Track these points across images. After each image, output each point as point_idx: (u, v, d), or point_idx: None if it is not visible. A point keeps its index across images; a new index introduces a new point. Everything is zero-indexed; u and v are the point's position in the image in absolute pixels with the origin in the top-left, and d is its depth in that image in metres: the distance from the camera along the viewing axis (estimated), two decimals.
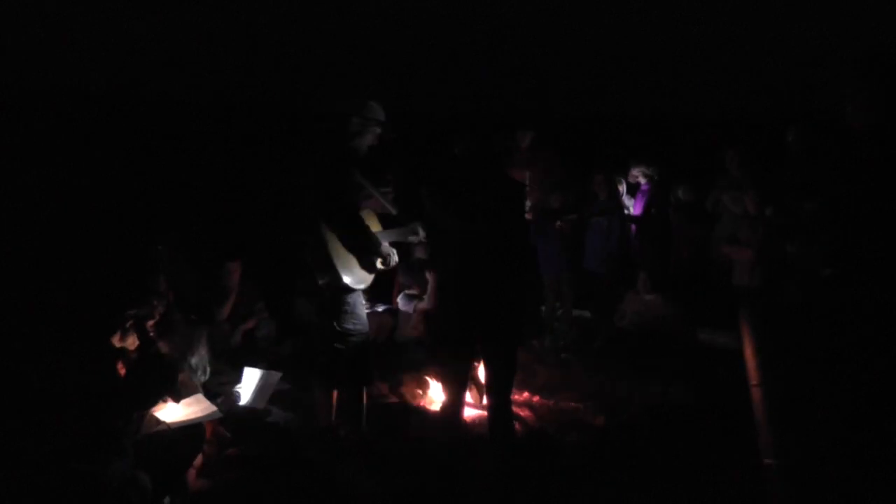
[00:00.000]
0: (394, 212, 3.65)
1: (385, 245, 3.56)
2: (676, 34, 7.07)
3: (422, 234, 3.63)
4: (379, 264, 3.56)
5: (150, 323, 3.67)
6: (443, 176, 3.26)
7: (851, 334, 2.46)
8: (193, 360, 3.92)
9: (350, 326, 3.53)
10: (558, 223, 5.78)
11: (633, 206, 6.22)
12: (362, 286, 3.54)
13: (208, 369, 4.04)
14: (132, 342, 3.58)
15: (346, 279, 3.39)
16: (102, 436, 2.96)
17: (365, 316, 3.68)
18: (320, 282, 3.42)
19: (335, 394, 3.66)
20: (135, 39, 6.74)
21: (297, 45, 7.24)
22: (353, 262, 3.47)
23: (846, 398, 2.43)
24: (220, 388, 4.08)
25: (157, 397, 3.30)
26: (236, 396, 4.07)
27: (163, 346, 3.58)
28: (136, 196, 6.66)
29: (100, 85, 7.19)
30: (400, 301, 5.41)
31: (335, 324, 3.48)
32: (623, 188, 6.20)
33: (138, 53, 6.97)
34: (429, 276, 5.43)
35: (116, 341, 3.55)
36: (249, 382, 4.16)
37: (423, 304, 5.38)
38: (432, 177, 3.27)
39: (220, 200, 6.93)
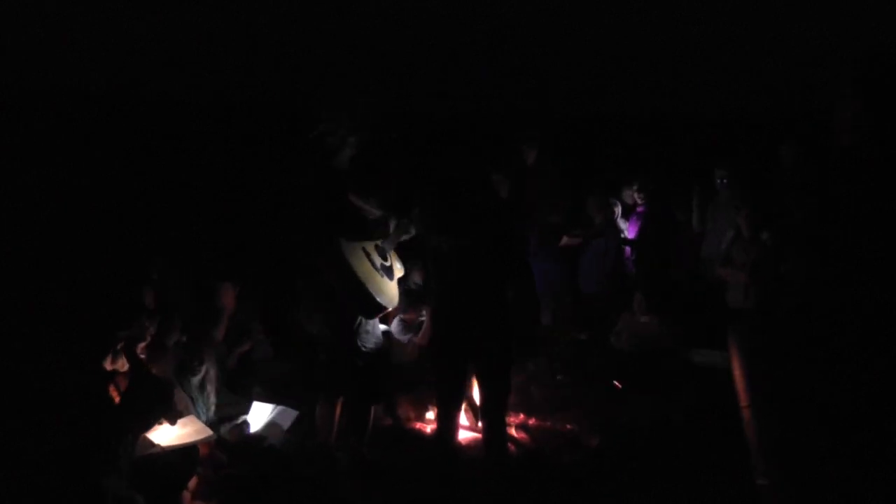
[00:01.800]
0: (377, 214, 3.64)
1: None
2: (676, 34, 7.06)
3: (413, 230, 3.63)
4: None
5: (142, 346, 3.68)
6: (438, 191, 3.26)
7: (851, 334, 2.46)
8: (195, 380, 3.90)
9: (371, 346, 3.55)
10: (564, 239, 5.76)
11: (627, 229, 6.18)
12: (391, 306, 3.56)
13: (211, 394, 4.01)
14: (122, 364, 3.59)
15: (378, 299, 3.39)
16: (101, 438, 2.96)
17: (381, 333, 3.70)
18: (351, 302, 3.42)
19: (337, 410, 3.66)
20: (135, 39, 6.74)
21: (297, 45, 7.24)
22: (382, 282, 3.48)
23: (846, 399, 2.43)
24: (217, 410, 4.06)
25: (153, 419, 3.29)
26: (245, 427, 4.05)
27: (155, 368, 3.57)
28: (136, 196, 6.65)
29: (100, 85, 7.19)
30: (394, 326, 5.35)
31: (357, 342, 3.49)
32: (618, 210, 6.17)
33: (138, 53, 6.97)
34: (425, 311, 5.38)
35: (108, 364, 3.56)
36: (259, 416, 4.14)
37: (419, 339, 5.33)
38: (426, 192, 3.27)
39: (220, 201, 6.93)
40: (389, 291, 3.53)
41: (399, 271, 3.72)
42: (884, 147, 2.40)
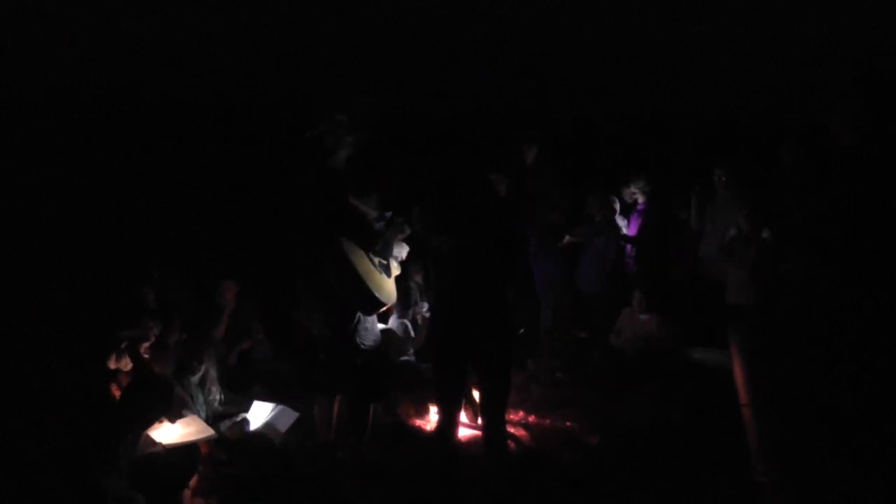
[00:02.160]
0: (375, 214, 3.66)
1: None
2: (676, 34, 7.07)
3: (407, 230, 3.66)
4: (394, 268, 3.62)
5: (145, 345, 3.69)
6: (438, 191, 3.27)
7: (851, 334, 2.46)
8: (195, 379, 3.91)
9: (370, 343, 3.56)
10: (567, 238, 5.76)
11: (625, 227, 6.19)
12: (390, 302, 3.58)
13: (211, 392, 4.02)
14: (126, 364, 3.59)
15: (377, 295, 3.41)
16: (101, 438, 2.95)
17: (379, 331, 3.71)
18: (348, 297, 3.44)
19: (335, 409, 3.67)
20: (135, 39, 6.74)
21: (297, 45, 7.25)
22: (381, 279, 3.50)
23: (846, 399, 2.43)
24: (217, 408, 4.06)
25: (154, 417, 3.30)
26: (245, 424, 4.06)
27: (157, 368, 3.57)
28: (136, 196, 6.65)
29: (100, 85, 7.19)
30: (392, 322, 5.39)
31: (357, 340, 3.51)
32: (616, 207, 6.18)
33: (138, 53, 6.97)
34: (424, 314, 5.41)
35: (112, 363, 3.57)
36: (259, 414, 4.15)
37: (417, 341, 5.38)
38: (426, 192, 3.28)
39: (220, 200, 6.93)
40: (387, 288, 3.55)
41: (396, 269, 3.74)
42: (884, 147, 2.40)
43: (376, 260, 3.54)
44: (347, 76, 7.52)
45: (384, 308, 3.62)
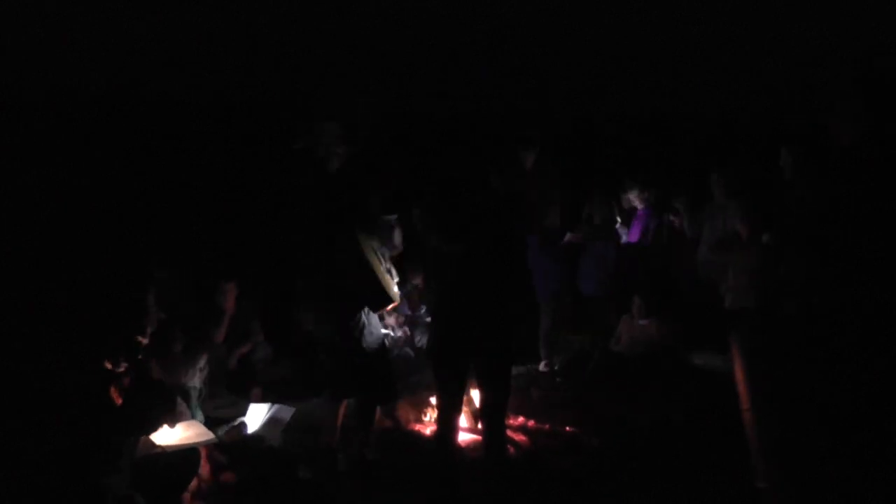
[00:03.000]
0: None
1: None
2: (676, 34, 7.07)
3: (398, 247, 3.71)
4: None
5: (141, 339, 3.68)
6: (438, 191, 3.27)
7: (851, 335, 2.46)
8: (192, 384, 3.92)
9: (373, 342, 3.58)
10: (568, 235, 5.77)
11: (625, 234, 6.18)
12: (396, 301, 3.62)
13: (201, 387, 4.03)
14: (120, 363, 3.59)
15: (388, 293, 3.45)
16: (102, 439, 2.95)
17: (381, 333, 3.74)
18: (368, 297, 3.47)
19: (341, 412, 3.68)
20: (135, 39, 6.74)
21: (297, 45, 7.25)
22: (388, 278, 3.54)
23: (846, 399, 2.43)
24: (216, 412, 4.07)
25: (156, 421, 3.29)
26: (242, 428, 4.05)
27: (156, 371, 3.57)
28: (136, 196, 6.66)
29: (100, 85, 7.19)
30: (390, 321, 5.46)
31: (360, 342, 3.52)
32: (615, 212, 6.16)
33: (138, 53, 6.97)
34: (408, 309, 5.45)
35: (107, 364, 3.56)
36: (256, 417, 4.14)
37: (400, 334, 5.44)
38: (426, 192, 3.28)
39: (220, 200, 6.93)
40: (393, 288, 3.58)
41: (395, 277, 3.76)
42: (884, 147, 2.40)
43: (384, 265, 3.56)
44: (347, 76, 7.51)
45: (391, 306, 3.65)
